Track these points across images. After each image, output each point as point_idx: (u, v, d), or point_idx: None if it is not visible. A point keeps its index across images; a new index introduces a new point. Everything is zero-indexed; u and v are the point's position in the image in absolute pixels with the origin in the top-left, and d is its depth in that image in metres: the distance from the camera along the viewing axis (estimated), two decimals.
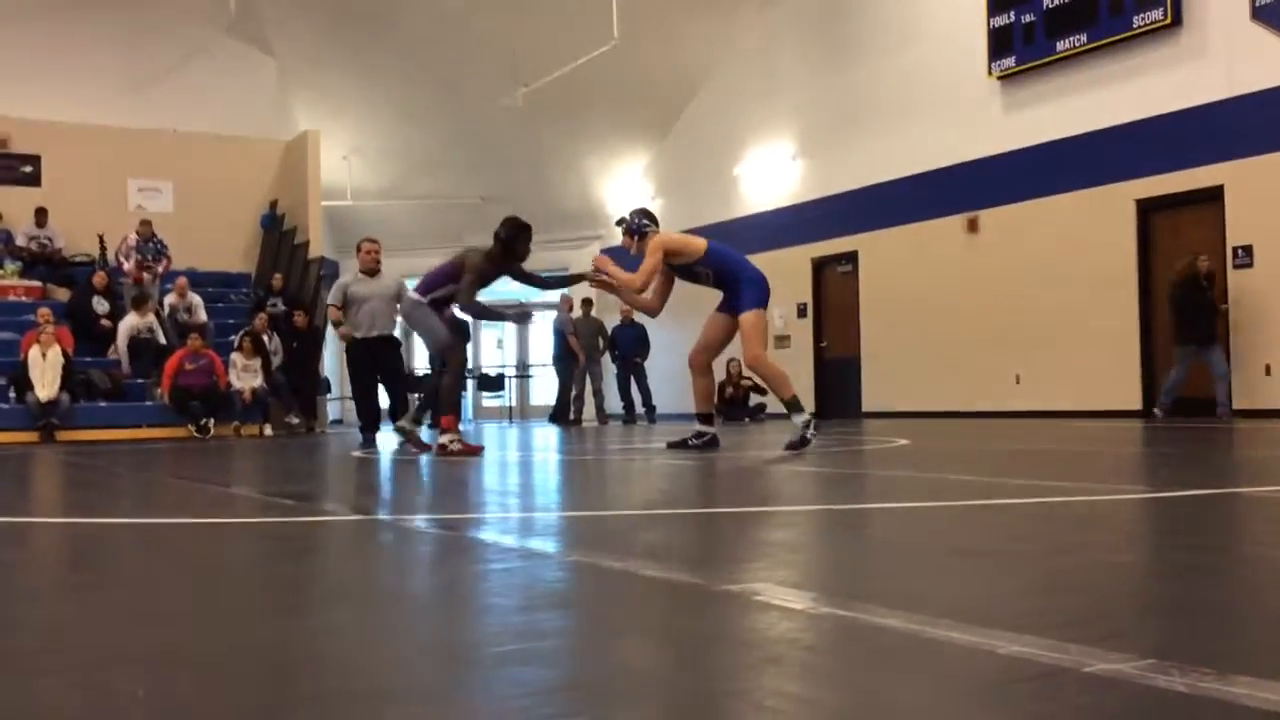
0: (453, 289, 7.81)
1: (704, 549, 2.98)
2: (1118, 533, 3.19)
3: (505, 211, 8.75)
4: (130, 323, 14.53)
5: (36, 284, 16.08)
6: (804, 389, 17.32)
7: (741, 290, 7.08)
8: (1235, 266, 12.19)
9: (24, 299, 15.67)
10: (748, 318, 7.05)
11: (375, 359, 9.73)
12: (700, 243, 7.18)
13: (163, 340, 14.67)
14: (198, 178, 17.93)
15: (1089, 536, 3.03)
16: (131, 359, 14.45)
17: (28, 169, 17.51)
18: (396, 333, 9.93)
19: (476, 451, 7.74)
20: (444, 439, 7.72)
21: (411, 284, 8.85)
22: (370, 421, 10.01)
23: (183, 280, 15.61)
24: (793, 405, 6.91)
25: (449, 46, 18.25)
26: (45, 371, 13.18)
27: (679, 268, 7.20)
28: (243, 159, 18.51)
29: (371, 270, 9.69)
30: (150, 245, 15.54)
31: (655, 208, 20.94)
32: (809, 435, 6.75)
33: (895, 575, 2.44)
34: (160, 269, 15.62)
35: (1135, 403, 12.92)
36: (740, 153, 18.82)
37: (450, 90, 19.10)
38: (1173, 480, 4.95)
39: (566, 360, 16.55)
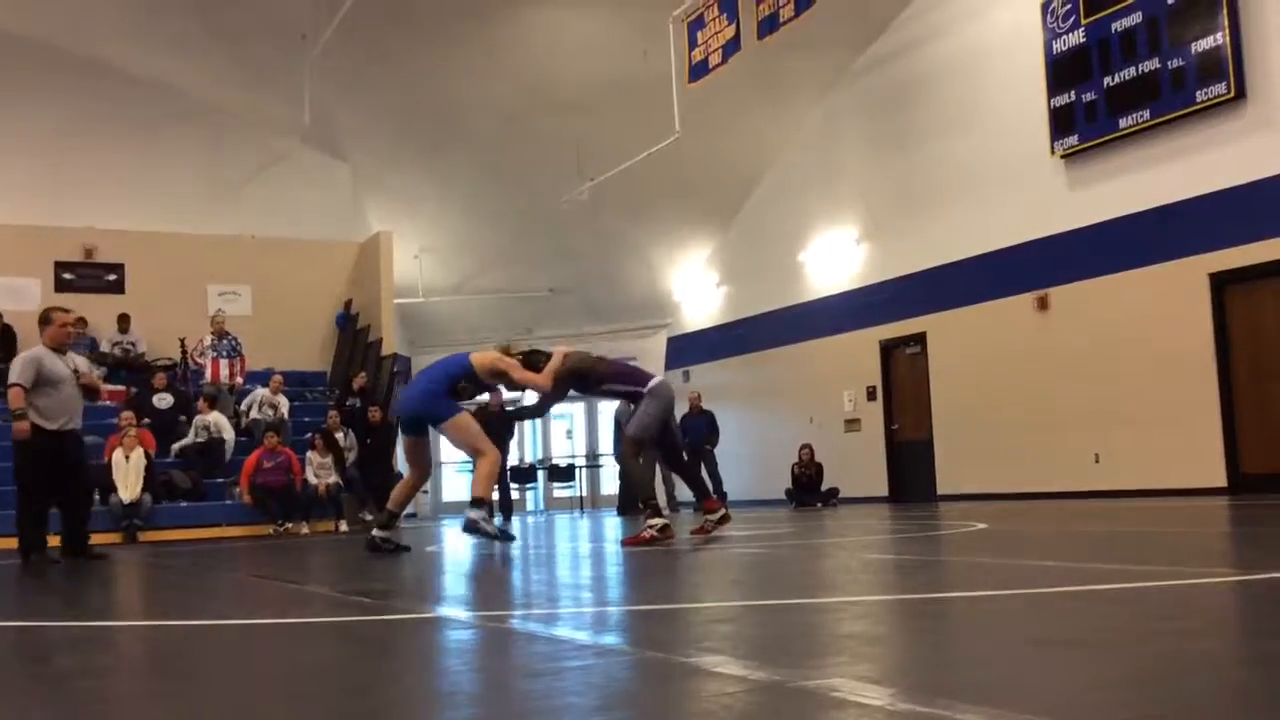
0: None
1: (779, 642, 2.96)
2: (1205, 619, 3.11)
3: (574, 303, 8.59)
4: (200, 421, 14.90)
5: (120, 388, 16.52)
6: (876, 472, 17.32)
7: None
8: None
9: (108, 403, 16.09)
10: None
11: (62, 459, 7.92)
12: None
13: (224, 436, 14.91)
14: (275, 281, 18.44)
15: (1175, 624, 2.96)
16: (198, 455, 14.71)
17: (112, 277, 18.15)
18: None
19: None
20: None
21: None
22: (38, 540, 7.91)
23: (278, 378, 16.00)
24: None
25: (515, 145, 18.70)
26: (128, 474, 13.47)
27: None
28: (318, 261, 19.05)
29: (63, 348, 7.96)
30: (225, 342, 15.98)
31: (720, 295, 21.20)
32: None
33: (976, 668, 2.41)
34: (238, 367, 16.02)
35: (1219, 480, 12.59)
36: (804, 238, 18.90)
37: (517, 187, 19.52)
38: (1262, 562, 4.81)
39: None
